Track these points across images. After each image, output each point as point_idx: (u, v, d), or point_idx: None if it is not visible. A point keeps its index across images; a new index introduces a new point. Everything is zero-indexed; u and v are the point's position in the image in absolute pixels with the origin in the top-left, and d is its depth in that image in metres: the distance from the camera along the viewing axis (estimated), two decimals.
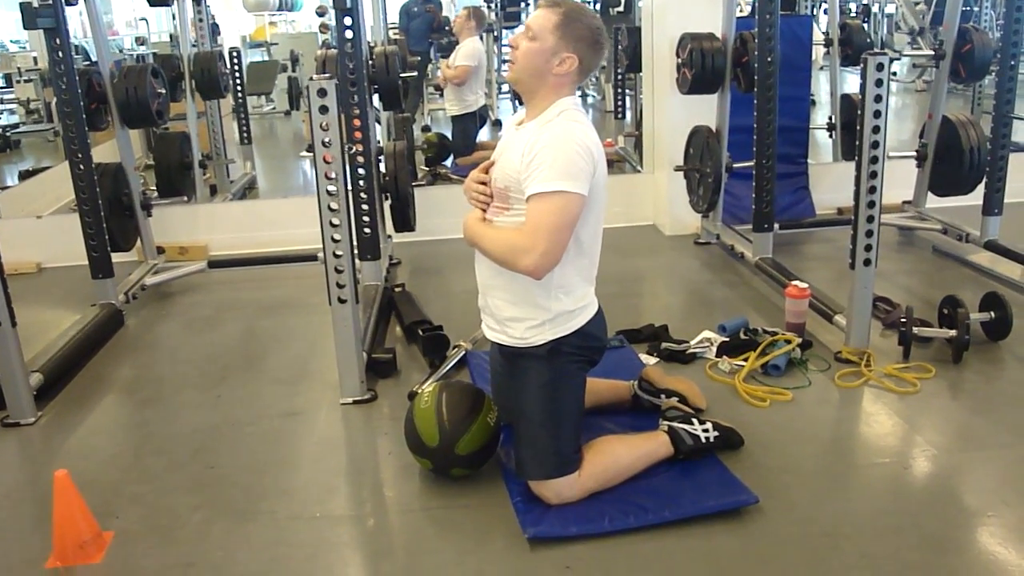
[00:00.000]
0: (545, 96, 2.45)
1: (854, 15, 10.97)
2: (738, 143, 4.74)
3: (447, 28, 11.08)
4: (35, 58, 9.40)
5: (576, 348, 2.53)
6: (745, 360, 3.40)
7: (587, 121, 2.46)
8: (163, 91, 4.64)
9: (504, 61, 11.20)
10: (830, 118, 6.21)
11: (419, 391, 2.92)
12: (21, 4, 3.79)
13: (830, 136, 6.28)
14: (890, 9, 11.50)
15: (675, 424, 2.70)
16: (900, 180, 4.95)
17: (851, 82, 7.01)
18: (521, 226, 2.38)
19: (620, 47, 7.11)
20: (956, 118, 4.70)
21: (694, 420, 2.72)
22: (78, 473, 2.54)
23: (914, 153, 4.94)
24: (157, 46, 10.38)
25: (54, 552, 2.40)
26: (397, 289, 4.38)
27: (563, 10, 2.40)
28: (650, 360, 3.51)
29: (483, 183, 2.55)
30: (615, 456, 2.57)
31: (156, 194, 5.28)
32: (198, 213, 5.61)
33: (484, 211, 2.56)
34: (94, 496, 2.61)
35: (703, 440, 2.67)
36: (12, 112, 9.77)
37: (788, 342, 3.45)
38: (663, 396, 3.03)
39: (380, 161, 4.62)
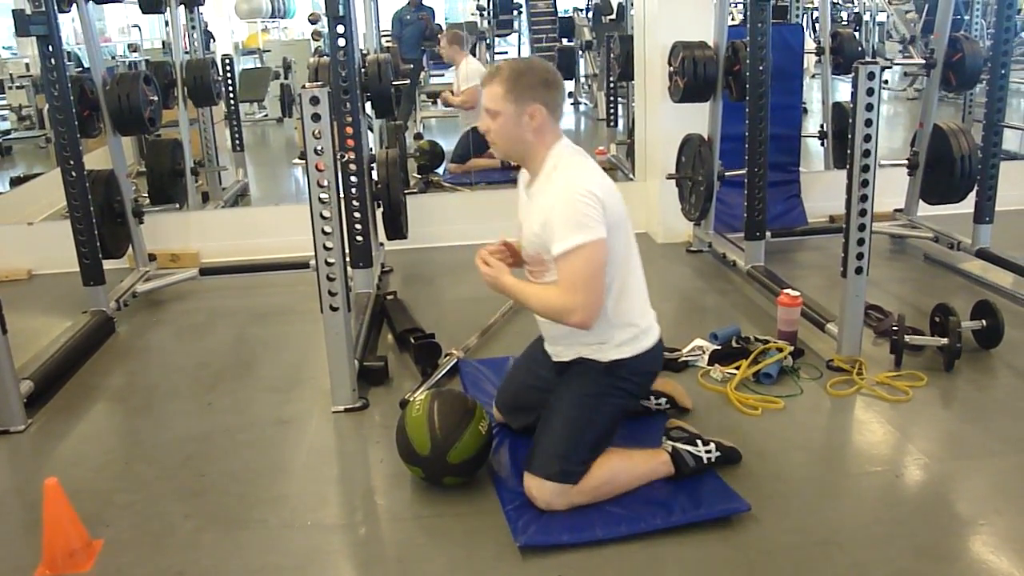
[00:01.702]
0: (536, 153, 2.55)
1: (845, 24, 11.02)
2: (730, 151, 4.74)
3: (439, 36, 11.10)
4: (27, 64, 9.36)
5: (631, 373, 2.61)
6: (737, 368, 3.40)
7: (582, 161, 2.55)
8: (155, 98, 4.63)
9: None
10: (822, 126, 6.23)
11: (411, 399, 2.92)
12: (14, 11, 3.79)
13: (822, 144, 6.30)
14: (881, 18, 11.54)
15: (679, 445, 2.67)
16: (891, 188, 4.97)
17: (843, 90, 7.02)
18: (556, 286, 2.47)
19: (612, 55, 7.12)
20: (947, 126, 4.72)
21: (698, 441, 2.70)
22: (68, 481, 2.52)
23: (905, 161, 4.95)
24: (150, 53, 10.35)
25: (44, 560, 2.38)
26: (389, 297, 4.37)
27: (503, 76, 2.50)
28: None
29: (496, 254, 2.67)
30: (612, 473, 2.55)
31: (148, 201, 5.28)
32: (190, 220, 5.60)
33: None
34: (84, 504, 2.60)
35: (705, 462, 2.67)
36: (4, 119, 9.72)
37: (780, 350, 3.45)
38: (652, 398, 3.07)
39: (372, 169, 4.62)
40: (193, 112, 6.25)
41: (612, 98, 7.54)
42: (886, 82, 10.89)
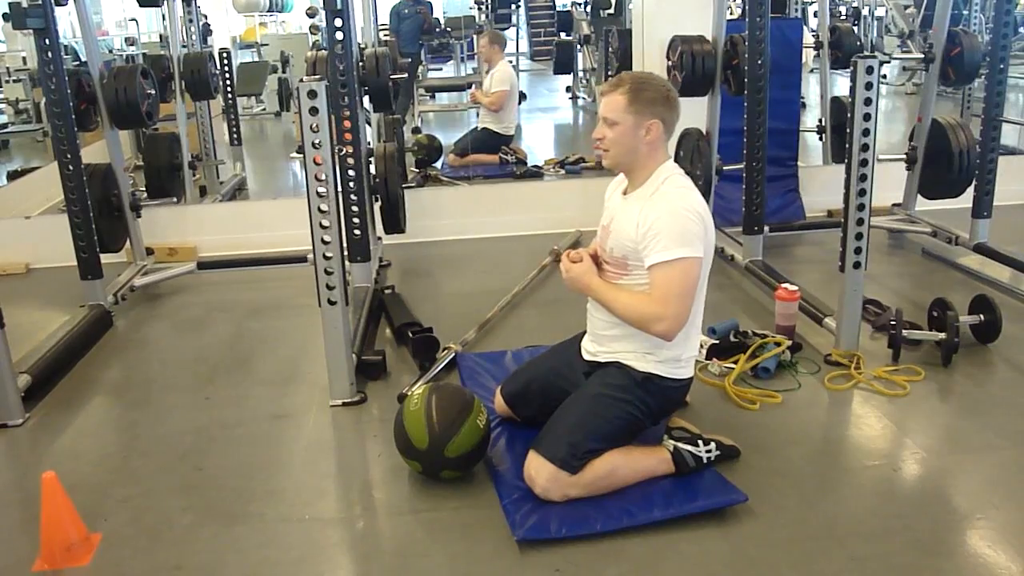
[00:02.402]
0: (644, 165, 2.60)
1: (844, 18, 11.01)
2: (728, 145, 4.74)
3: (437, 30, 11.10)
4: (24, 58, 9.35)
5: (661, 393, 2.65)
6: (735, 362, 3.40)
7: (691, 184, 2.60)
8: (153, 92, 4.62)
9: None
10: (820, 121, 6.23)
11: (409, 393, 2.92)
12: (10, 4, 3.77)
13: (820, 139, 6.29)
14: (880, 12, 11.53)
15: (680, 445, 2.67)
16: (890, 183, 4.97)
17: (841, 85, 7.02)
18: (648, 293, 2.53)
19: (611, 49, 7.11)
20: (946, 121, 4.72)
21: (699, 441, 2.70)
22: (66, 475, 2.52)
23: (904, 156, 4.95)
24: (147, 46, 10.34)
25: (41, 555, 2.38)
26: (387, 291, 4.37)
27: (628, 87, 2.54)
28: None
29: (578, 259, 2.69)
30: (612, 468, 2.55)
31: (145, 195, 5.25)
32: (187, 214, 5.60)
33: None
34: (82, 498, 2.60)
35: (704, 461, 2.67)
36: (1, 112, 9.72)
37: (778, 344, 3.45)
38: None
39: (370, 163, 4.61)
40: (191, 106, 6.24)
41: None
42: (884, 77, 10.90)
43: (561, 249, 2.79)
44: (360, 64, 4.34)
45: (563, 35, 11.85)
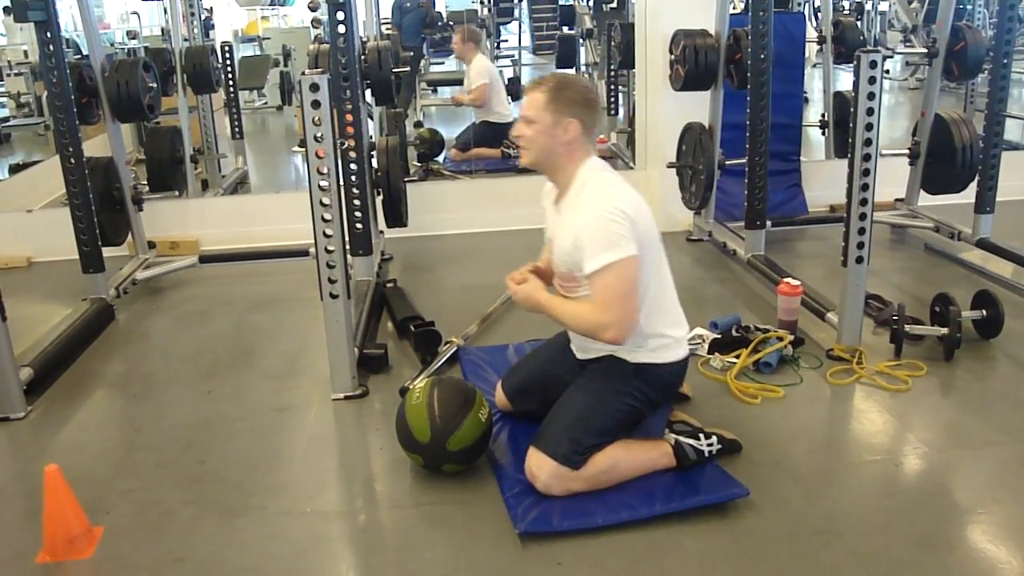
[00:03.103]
0: (564, 167, 2.59)
1: (847, 12, 10.98)
2: (731, 140, 4.73)
3: (440, 24, 11.07)
4: (25, 51, 9.34)
5: (656, 380, 2.64)
6: (737, 357, 3.40)
7: (612, 179, 2.58)
8: (154, 85, 4.62)
9: (499, 57, 11.21)
10: (823, 115, 6.21)
11: (410, 387, 2.92)
12: None
13: (823, 133, 6.28)
14: (883, 7, 11.50)
15: (682, 439, 2.68)
16: (892, 178, 4.95)
17: (844, 79, 7.01)
18: (590, 301, 2.51)
19: (613, 43, 7.09)
20: (949, 116, 4.71)
21: (700, 435, 2.70)
22: (68, 468, 2.52)
23: (907, 151, 4.94)
24: (149, 40, 10.32)
25: (44, 547, 2.39)
26: (389, 285, 4.37)
27: (548, 86, 2.55)
28: None
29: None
30: (613, 462, 2.55)
31: (147, 188, 5.25)
32: (189, 208, 5.60)
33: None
34: (84, 491, 2.60)
35: (706, 455, 2.67)
36: (2, 106, 9.70)
37: (780, 339, 3.45)
38: None
39: (372, 156, 4.60)
40: (192, 99, 6.23)
41: (613, 86, 7.53)
42: (887, 71, 10.86)
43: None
44: (362, 58, 4.33)
45: (565, 29, 11.81)
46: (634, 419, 2.65)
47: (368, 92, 4.53)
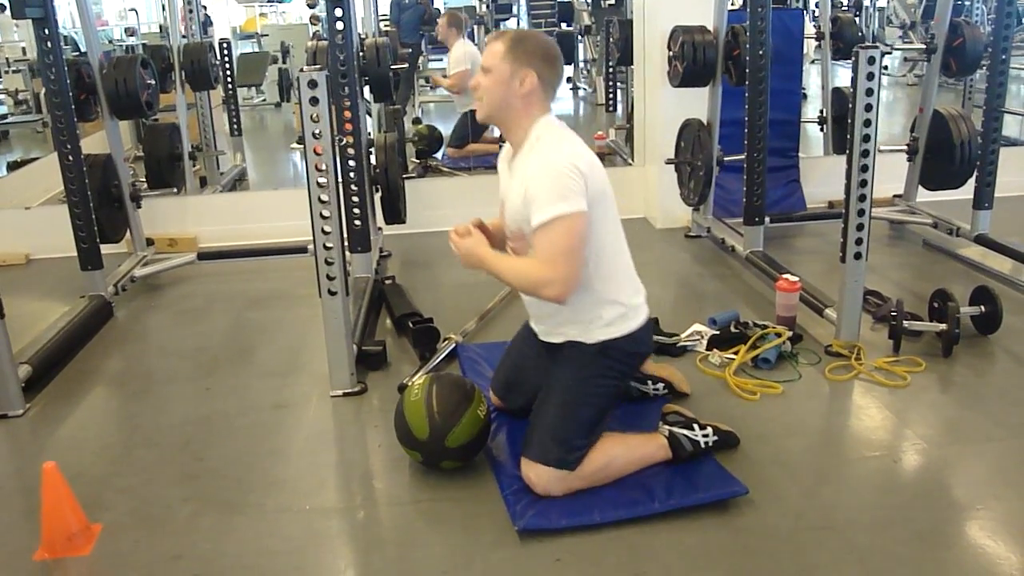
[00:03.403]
0: (519, 123, 2.52)
1: (845, 9, 10.98)
2: (729, 136, 4.73)
3: (438, 20, 11.06)
4: (23, 48, 9.33)
5: (623, 353, 2.59)
6: (735, 353, 3.40)
7: (567, 135, 2.51)
8: (152, 82, 4.61)
9: None
10: (821, 111, 6.22)
11: (409, 383, 2.92)
12: None
13: (821, 130, 6.29)
14: (881, 3, 11.52)
15: (676, 429, 2.67)
16: (891, 174, 4.96)
17: (842, 75, 7.01)
18: (534, 257, 2.43)
19: (611, 40, 7.09)
20: (947, 112, 4.71)
21: (695, 426, 2.69)
22: (67, 465, 2.53)
23: (905, 147, 4.94)
24: (147, 37, 10.32)
25: (43, 544, 2.39)
26: (387, 281, 4.37)
27: (508, 36, 2.51)
28: None
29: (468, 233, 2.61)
30: (610, 458, 2.55)
31: (145, 186, 5.25)
32: (188, 205, 5.59)
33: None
34: (83, 488, 2.60)
35: (702, 446, 2.66)
36: (0, 103, 9.70)
37: (778, 335, 3.45)
38: (650, 383, 3.08)
39: (370, 153, 4.60)
40: (191, 96, 6.22)
41: (611, 83, 7.53)
42: (886, 67, 10.86)
43: None
44: (360, 54, 4.33)
45: (564, 26, 11.81)
46: (615, 397, 2.64)
47: (366, 89, 4.53)
